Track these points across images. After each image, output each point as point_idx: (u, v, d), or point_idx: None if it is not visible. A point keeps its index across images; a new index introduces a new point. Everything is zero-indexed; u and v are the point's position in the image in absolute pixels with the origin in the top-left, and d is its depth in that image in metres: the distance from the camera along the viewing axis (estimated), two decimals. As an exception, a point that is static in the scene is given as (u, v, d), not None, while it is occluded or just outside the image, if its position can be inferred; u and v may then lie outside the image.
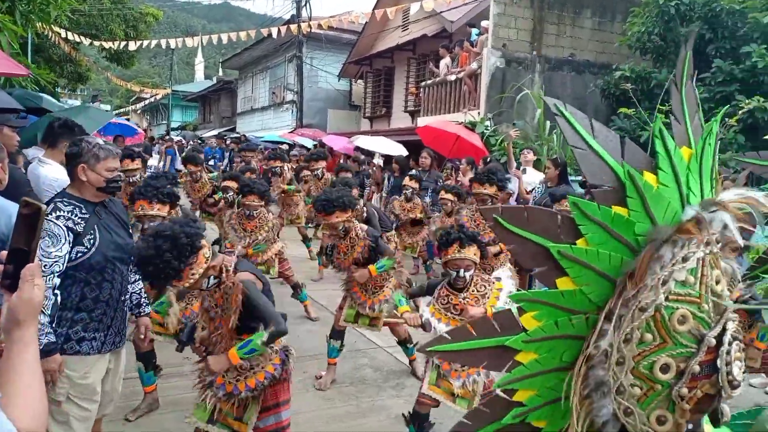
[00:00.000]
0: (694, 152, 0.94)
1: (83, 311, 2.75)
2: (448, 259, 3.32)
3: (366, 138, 12.74)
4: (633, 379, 0.89)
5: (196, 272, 2.57)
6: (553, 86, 12.02)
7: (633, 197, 0.89)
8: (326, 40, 20.13)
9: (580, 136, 0.93)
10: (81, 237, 2.69)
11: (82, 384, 2.77)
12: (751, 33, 9.52)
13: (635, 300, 0.87)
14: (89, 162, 2.75)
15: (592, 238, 0.90)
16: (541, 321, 0.93)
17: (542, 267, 0.91)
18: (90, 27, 18.96)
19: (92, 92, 37.91)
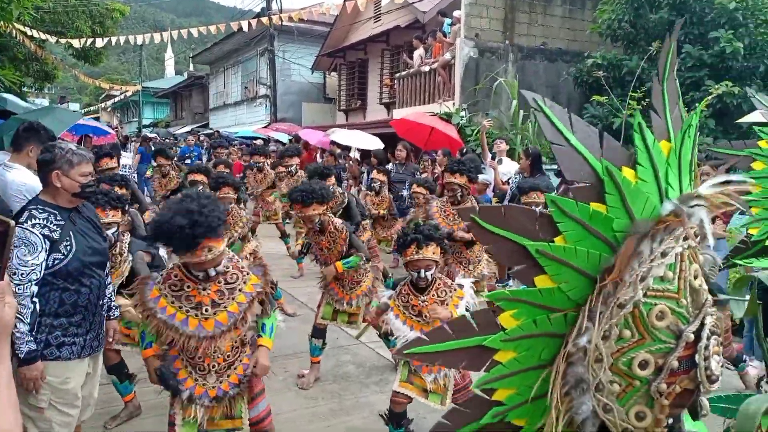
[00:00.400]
0: (674, 146, 0.93)
1: (62, 317, 2.74)
2: (407, 260, 3.26)
3: (342, 132, 12.68)
4: (612, 375, 0.88)
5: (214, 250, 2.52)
6: (526, 75, 12.07)
7: (611, 193, 0.88)
8: (298, 32, 19.97)
9: (558, 131, 0.91)
10: (57, 244, 2.68)
11: (63, 389, 2.76)
12: (718, 18, 9.66)
13: (614, 297, 0.87)
14: (63, 168, 2.72)
15: (570, 236, 0.88)
16: (520, 320, 0.91)
17: (520, 265, 0.90)
18: (55, 24, 18.52)
19: (60, 91, 37.12)
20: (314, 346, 4.65)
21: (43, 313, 2.68)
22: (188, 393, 2.67)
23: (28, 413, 2.67)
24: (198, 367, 2.70)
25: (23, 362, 2.57)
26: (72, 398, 2.81)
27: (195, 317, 2.59)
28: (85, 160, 2.81)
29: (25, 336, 2.57)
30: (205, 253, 2.51)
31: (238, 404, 2.82)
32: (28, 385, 2.61)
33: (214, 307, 2.63)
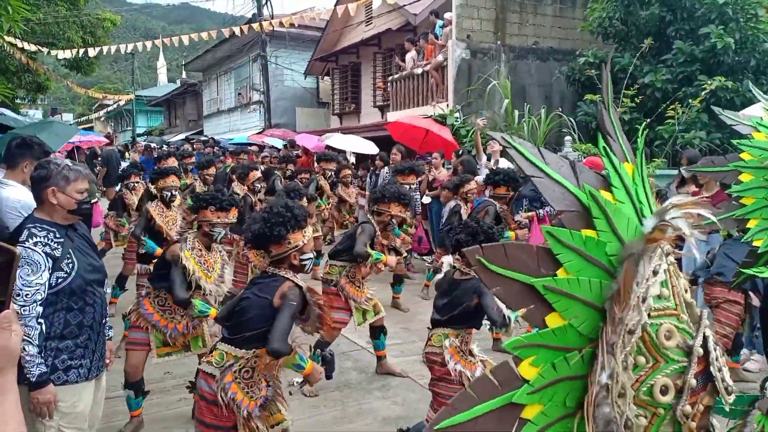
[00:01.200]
0: (635, 167, 0.95)
1: (68, 339, 2.68)
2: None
3: (337, 137, 12.68)
4: (636, 409, 0.86)
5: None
6: (518, 75, 12.09)
7: (599, 217, 0.88)
8: (290, 37, 19.94)
9: (534, 165, 0.91)
10: (59, 262, 2.63)
11: (72, 413, 2.71)
12: (708, 14, 9.69)
13: (622, 324, 0.85)
14: (59, 184, 2.68)
15: (571, 266, 0.87)
16: (539, 366, 0.86)
17: (528, 306, 0.87)
18: (46, 35, 18.45)
19: (53, 102, 37.02)
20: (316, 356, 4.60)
21: (48, 336, 2.62)
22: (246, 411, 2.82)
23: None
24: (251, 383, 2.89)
25: (35, 386, 2.51)
26: (80, 422, 2.77)
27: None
28: (81, 176, 2.77)
29: (35, 359, 2.50)
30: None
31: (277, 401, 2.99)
32: (42, 410, 2.54)
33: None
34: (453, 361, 3.33)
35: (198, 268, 3.65)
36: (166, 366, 4.97)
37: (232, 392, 2.83)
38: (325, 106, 21.57)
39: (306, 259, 2.92)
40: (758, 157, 1.54)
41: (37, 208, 2.77)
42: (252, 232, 3.00)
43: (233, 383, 2.85)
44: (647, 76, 10.00)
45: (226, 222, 3.82)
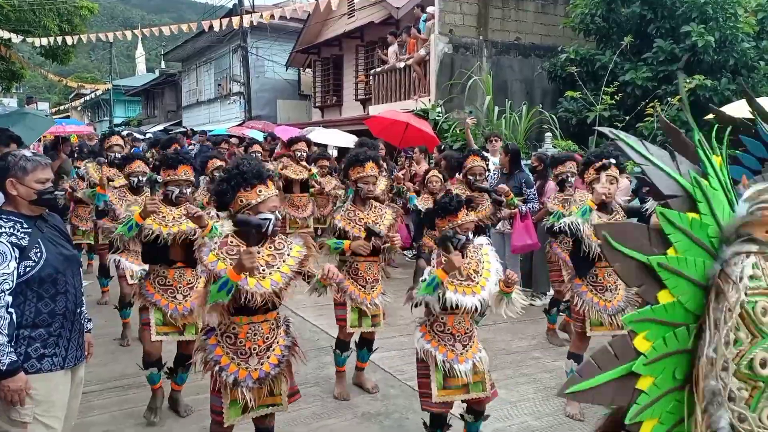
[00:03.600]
0: (722, 160, 1.06)
1: (40, 327, 2.67)
2: (458, 224, 3.27)
3: (319, 131, 12.60)
4: (738, 382, 0.94)
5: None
6: (500, 70, 12.12)
7: (701, 201, 0.98)
8: (271, 29, 19.75)
9: (642, 156, 1.02)
10: (27, 251, 2.61)
11: (47, 402, 2.69)
12: (689, 12, 9.78)
13: (724, 301, 0.94)
14: (17, 175, 2.67)
15: (680, 246, 0.96)
16: (652, 341, 0.96)
17: (643, 283, 0.96)
18: (21, 23, 18.07)
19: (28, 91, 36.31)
20: (341, 358, 4.53)
21: (20, 325, 2.61)
22: (233, 377, 2.84)
23: (10, 429, 2.60)
24: (239, 351, 2.89)
25: (5, 374, 2.51)
26: (57, 410, 2.75)
27: (253, 277, 2.79)
28: (41, 165, 2.74)
29: (5, 347, 2.51)
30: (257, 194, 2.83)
31: (280, 383, 2.99)
32: (13, 397, 2.54)
33: (269, 268, 2.87)
34: (419, 334, 3.39)
35: (154, 224, 3.83)
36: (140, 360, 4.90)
37: (216, 354, 2.90)
38: (307, 98, 21.44)
39: (264, 218, 2.85)
40: None
41: (5, 201, 2.75)
42: (211, 192, 3.10)
43: (217, 347, 2.92)
44: (628, 74, 10.08)
45: (175, 179, 3.93)
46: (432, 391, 3.29)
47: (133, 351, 5.28)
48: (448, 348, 3.30)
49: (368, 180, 4.38)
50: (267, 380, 2.92)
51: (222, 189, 2.87)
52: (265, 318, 2.93)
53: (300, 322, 5.97)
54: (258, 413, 3.00)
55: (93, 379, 4.25)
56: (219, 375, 2.87)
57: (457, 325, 3.33)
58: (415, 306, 3.33)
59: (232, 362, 2.88)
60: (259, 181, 2.85)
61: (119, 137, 5.84)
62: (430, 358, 3.29)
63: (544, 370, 5.04)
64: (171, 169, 3.93)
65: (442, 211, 3.32)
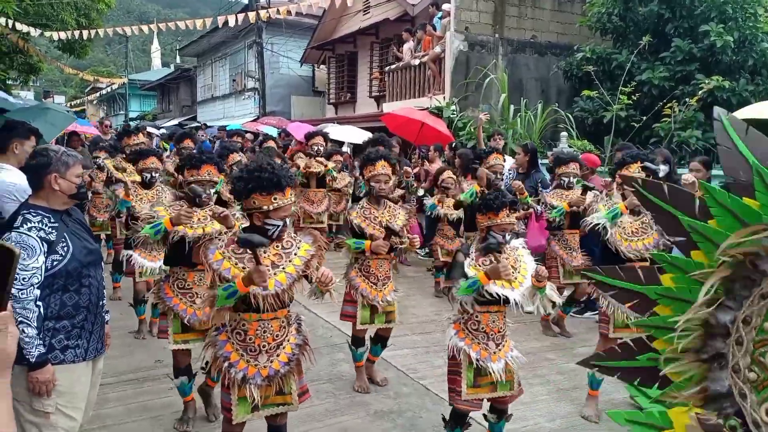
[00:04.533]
0: None
1: (65, 319, 2.73)
2: (497, 223, 3.26)
3: (334, 127, 12.62)
4: (751, 363, 0.97)
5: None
6: (516, 69, 12.06)
7: (762, 191, 1.02)
8: (286, 25, 19.78)
9: (729, 137, 1.07)
10: (54, 245, 2.67)
11: (70, 393, 2.75)
12: (708, 12, 9.68)
13: (758, 287, 0.96)
14: (60, 170, 2.74)
15: (722, 221, 1.03)
16: (676, 284, 1.09)
17: (679, 236, 1.07)
18: (39, 16, 18.23)
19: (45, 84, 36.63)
20: (358, 354, 4.55)
21: (45, 317, 2.67)
22: (242, 374, 2.85)
23: (33, 419, 2.64)
24: (249, 348, 2.89)
25: (35, 366, 2.57)
26: (79, 402, 2.81)
27: None
28: (78, 160, 2.84)
29: (35, 340, 2.57)
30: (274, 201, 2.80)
31: (289, 381, 2.97)
32: (41, 388, 2.60)
33: (274, 268, 2.84)
34: (453, 332, 3.38)
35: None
36: (157, 354, 4.96)
37: (226, 351, 2.90)
38: (321, 94, 21.44)
39: (270, 224, 2.85)
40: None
41: (34, 194, 2.80)
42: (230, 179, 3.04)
43: (227, 343, 2.92)
44: (645, 74, 9.99)
45: (199, 179, 3.83)
46: (462, 389, 3.30)
47: (148, 344, 5.33)
48: (482, 346, 3.30)
49: (380, 178, 4.41)
50: (276, 378, 2.91)
51: (237, 186, 2.85)
52: (275, 316, 2.92)
53: (313, 319, 5.99)
54: (268, 412, 2.99)
55: (109, 372, 4.28)
56: (228, 371, 2.87)
57: (491, 323, 3.33)
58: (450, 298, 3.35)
59: (242, 359, 2.89)
60: (276, 190, 2.81)
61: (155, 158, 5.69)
62: (464, 356, 3.29)
63: (558, 371, 5.03)
64: (194, 169, 3.85)
65: (485, 207, 3.30)
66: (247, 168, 2.90)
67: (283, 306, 2.94)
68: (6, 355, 1.04)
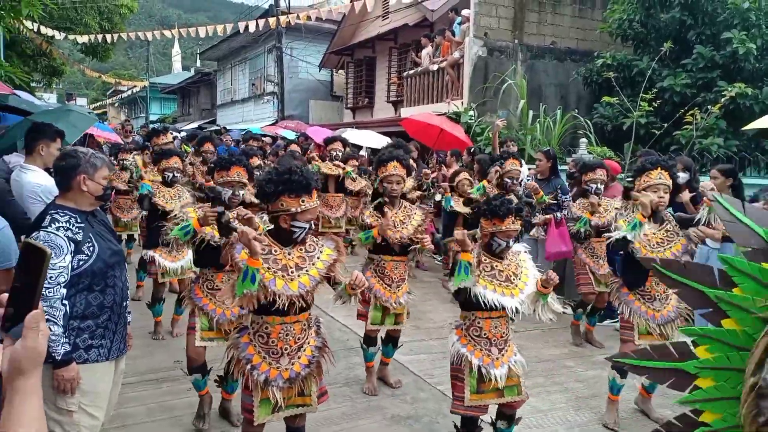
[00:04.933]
0: None
1: (89, 319, 2.77)
2: (501, 229, 3.24)
3: (353, 132, 12.68)
4: None
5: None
6: (535, 74, 12.02)
7: None
8: (306, 30, 19.94)
9: (729, 212, 1.16)
10: (80, 245, 2.72)
11: (93, 392, 2.79)
12: (730, 19, 9.58)
13: None
14: (88, 172, 2.80)
15: (746, 287, 1.10)
16: (713, 354, 1.12)
17: (705, 308, 1.12)
18: (63, 20, 18.55)
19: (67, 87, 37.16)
20: (369, 353, 4.57)
21: (70, 316, 2.71)
22: (264, 376, 2.88)
23: (56, 417, 2.68)
24: (271, 351, 2.92)
25: (60, 364, 2.62)
26: (101, 401, 2.85)
27: (282, 278, 2.83)
28: (105, 163, 2.92)
29: (60, 338, 2.61)
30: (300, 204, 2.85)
31: (309, 383, 3.00)
32: (65, 386, 2.64)
33: (298, 270, 2.90)
34: (455, 338, 3.38)
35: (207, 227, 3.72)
36: (176, 354, 5.00)
37: (248, 353, 2.92)
38: (339, 99, 21.53)
39: (297, 227, 2.88)
40: None
41: (61, 195, 2.85)
42: (256, 181, 3.09)
43: (249, 345, 2.94)
44: (666, 80, 9.90)
45: (228, 180, 3.85)
46: (465, 395, 3.29)
47: (169, 345, 5.38)
48: (484, 352, 3.29)
49: (391, 179, 4.41)
50: (297, 380, 2.94)
51: (267, 188, 2.87)
52: (297, 318, 2.95)
53: (329, 322, 6.01)
54: (288, 413, 3.01)
55: (129, 371, 4.32)
56: (251, 374, 2.90)
57: (493, 329, 3.32)
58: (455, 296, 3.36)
59: (264, 361, 2.91)
60: (304, 192, 2.85)
61: (178, 159, 5.82)
62: (465, 363, 3.29)
63: (576, 379, 4.99)
64: (224, 170, 3.86)
65: (490, 213, 3.28)
66: (276, 171, 2.92)
67: (305, 309, 2.97)
68: (37, 353, 1.06)
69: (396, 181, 4.42)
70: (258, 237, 2.67)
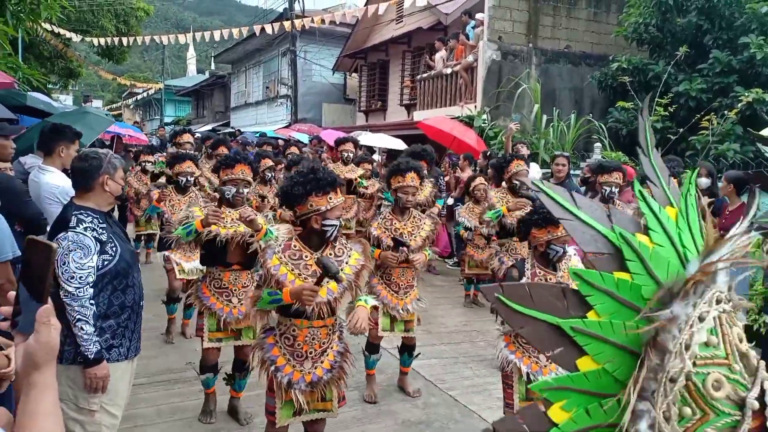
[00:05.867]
0: (679, 210, 0.90)
1: (111, 318, 2.80)
2: (557, 236, 3.22)
3: (367, 135, 12.72)
4: None
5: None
6: (549, 78, 11.97)
7: (632, 260, 0.85)
8: (320, 33, 20.00)
9: (564, 208, 0.89)
10: (105, 245, 2.76)
11: (113, 391, 2.81)
12: (748, 23, 9.48)
13: (663, 371, 0.80)
14: (110, 172, 2.85)
15: (603, 308, 0.84)
16: (571, 411, 0.83)
17: (557, 348, 0.84)
18: (80, 23, 18.77)
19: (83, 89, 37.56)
20: (371, 361, 4.54)
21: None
22: (287, 378, 2.90)
23: (77, 417, 2.70)
24: (296, 353, 2.93)
25: (93, 362, 2.65)
26: (120, 400, 2.88)
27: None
28: (122, 163, 2.99)
29: (93, 336, 2.65)
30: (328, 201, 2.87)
31: (331, 388, 3.01)
32: (97, 384, 2.67)
33: None
34: (503, 344, 3.37)
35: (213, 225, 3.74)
36: (188, 356, 5.02)
37: (273, 354, 2.93)
38: (352, 102, 21.59)
39: (329, 225, 2.89)
40: None
41: (80, 196, 2.87)
42: (279, 189, 3.09)
43: (275, 346, 2.96)
44: (682, 85, 9.82)
45: (233, 178, 3.86)
46: (514, 402, 3.28)
47: (180, 346, 5.40)
48: (533, 360, 3.27)
49: (408, 190, 4.32)
50: (319, 385, 2.94)
51: (294, 191, 2.87)
52: (324, 323, 2.96)
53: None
54: (309, 417, 3.02)
55: (141, 372, 4.34)
56: (275, 375, 2.92)
57: None
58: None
59: (288, 363, 2.93)
60: (331, 188, 2.87)
61: (192, 163, 5.89)
62: (514, 369, 3.28)
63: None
64: (229, 169, 3.89)
65: (543, 222, 3.23)
66: (300, 173, 2.94)
67: (333, 313, 2.98)
68: (51, 348, 1.08)
69: (412, 193, 4.36)
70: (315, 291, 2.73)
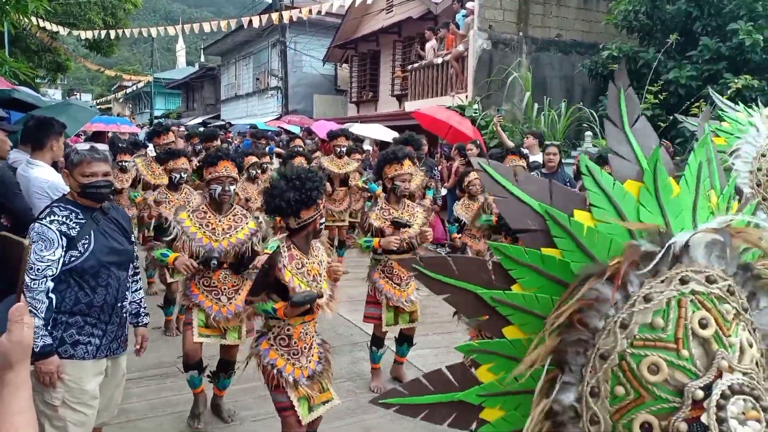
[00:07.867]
0: (647, 184, 0.88)
1: (77, 315, 2.75)
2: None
3: (359, 125, 12.69)
4: None
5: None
6: (540, 67, 11.95)
7: (561, 237, 0.86)
8: (310, 24, 19.88)
9: (499, 184, 0.90)
10: (75, 241, 2.70)
11: (77, 388, 2.75)
12: (737, 10, 9.49)
13: (593, 347, 0.79)
14: (69, 168, 2.82)
15: (526, 282, 0.87)
16: (498, 374, 0.87)
17: (484, 315, 0.87)
18: (68, 16, 18.57)
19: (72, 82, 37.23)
20: (377, 355, 4.55)
21: (58, 310, 2.70)
22: (291, 377, 2.99)
23: (44, 410, 2.68)
24: (292, 351, 3.02)
25: (39, 356, 2.59)
26: (87, 398, 2.80)
27: (315, 287, 3.04)
28: (86, 160, 2.79)
29: (40, 330, 2.59)
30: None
31: (325, 378, 3.15)
32: (45, 379, 2.62)
33: (319, 277, 3.13)
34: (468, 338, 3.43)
35: (205, 238, 3.69)
36: (179, 350, 4.99)
37: (270, 358, 2.99)
38: (343, 93, 21.51)
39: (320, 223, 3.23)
40: None
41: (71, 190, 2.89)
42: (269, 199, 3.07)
43: (270, 350, 3.02)
44: (671, 72, 9.83)
45: (217, 176, 3.75)
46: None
47: (173, 341, 5.38)
48: None
49: (405, 177, 4.39)
50: (315, 377, 3.07)
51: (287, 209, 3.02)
52: (313, 317, 3.10)
53: (334, 317, 5.94)
54: (320, 412, 3.10)
55: (132, 367, 4.31)
56: (279, 377, 2.96)
57: None
58: None
59: (288, 363, 3.00)
60: (319, 198, 3.06)
61: (185, 159, 5.69)
62: None
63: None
64: (212, 167, 3.76)
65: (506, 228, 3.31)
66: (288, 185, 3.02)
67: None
68: (24, 347, 1.06)
69: (409, 180, 4.46)
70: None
